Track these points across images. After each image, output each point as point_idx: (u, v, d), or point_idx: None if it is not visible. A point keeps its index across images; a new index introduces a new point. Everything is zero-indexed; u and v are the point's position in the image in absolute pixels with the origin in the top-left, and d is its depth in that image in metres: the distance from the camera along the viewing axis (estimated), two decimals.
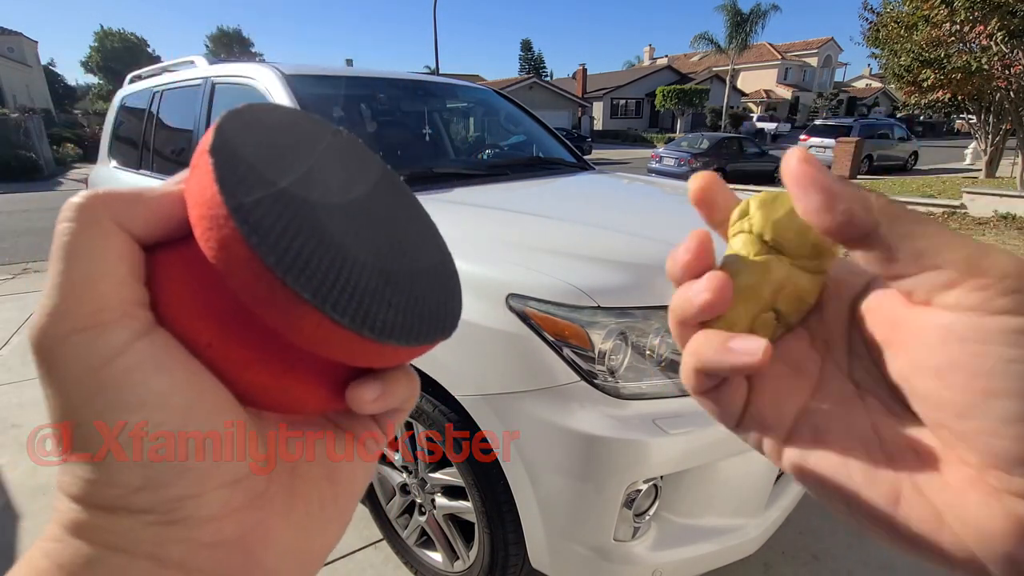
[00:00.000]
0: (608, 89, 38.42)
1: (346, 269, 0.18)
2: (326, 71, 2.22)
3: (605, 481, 1.03)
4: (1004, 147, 11.26)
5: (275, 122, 0.20)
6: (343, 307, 0.17)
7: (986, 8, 7.87)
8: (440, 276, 0.23)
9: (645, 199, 2.08)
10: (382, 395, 0.21)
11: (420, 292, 0.21)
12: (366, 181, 0.23)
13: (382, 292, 0.19)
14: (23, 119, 15.23)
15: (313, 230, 0.18)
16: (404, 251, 0.22)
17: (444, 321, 0.21)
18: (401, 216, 0.23)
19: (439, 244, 0.25)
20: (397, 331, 0.18)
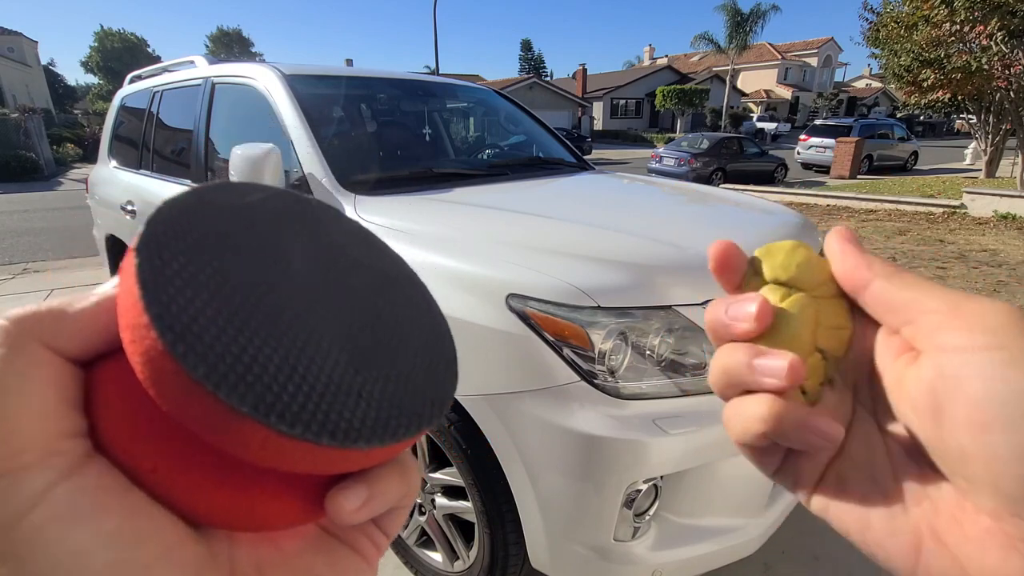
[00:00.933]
0: (608, 89, 38.42)
1: (301, 366, 0.15)
2: (326, 71, 2.21)
3: (605, 481, 1.03)
4: (1004, 147, 11.25)
5: (228, 203, 0.18)
6: (295, 415, 0.14)
7: (986, 8, 7.87)
8: (430, 345, 0.21)
9: (645, 199, 2.08)
10: (368, 501, 0.18)
11: (403, 369, 0.18)
12: (338, 254, 0.20)
13: (350, 384, 0.16)
14: (23, 119, 15.24)
15: (256, 328, 0.15)
16: (384, 325, 0.19)
17: (433, 403, 0.19)
18: (384, 284, 0.21)
19: (429, 308, 0.23)
20: (369, 430, 0.16)
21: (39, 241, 6.58)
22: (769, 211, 1.81)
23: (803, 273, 0.23)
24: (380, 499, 0.19)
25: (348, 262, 0.21)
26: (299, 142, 1.70)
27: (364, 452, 0.16)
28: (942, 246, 5.44)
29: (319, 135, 1.73)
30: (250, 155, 1.54)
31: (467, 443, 1.19)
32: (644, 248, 1.28)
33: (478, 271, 1.18)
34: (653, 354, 1.09)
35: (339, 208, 1.52)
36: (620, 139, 34.26)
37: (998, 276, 4.38)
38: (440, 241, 1.31)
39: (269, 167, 1.55)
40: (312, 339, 0.16)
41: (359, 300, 0.19)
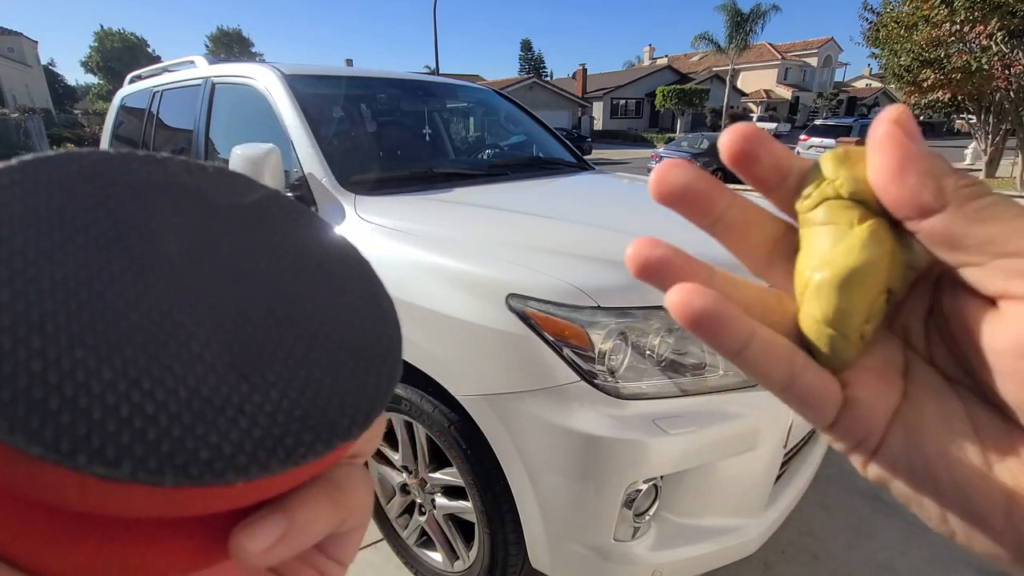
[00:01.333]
0: (608, 89, 38.43)
1: (145, 381, 0.12)
2: (326, 71, 2.21)
3: (605, 481, 1.03)
4: (1004, 147, 11.26)
5: (74, 173, 0.14)
6: (120, 450, 0.11)
7: (986, 8, 7.88)
8: (363, 336, 0.17)
9: (645, 199, 2.08)
10: (286, 536, 0.14)
11: (317, 368, 0.15)
12: (240, 233, 0.16)
13: (227, 396, 0.13)
14: (23, 119, 15.25)
15: (73, 337, 0.12)
16: (299, 315, 0.16)
17: (356, 409, 0.15)
18: (308, 267, 0.17)
19: (369, 291, 0.18)
20: (247, 456, 0.12)
21: None
22: (769, 210, 1.81)
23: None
24: (303, 532, 0.15)
25: (255, 242, 0.17)
26: (299, 142, 1.70)
27: (252, 484, 0.12)
28: None
29: (319, 135, 1.73)
30: (250, 155, 1.54)
31: (467, 443, 1.19)
32: None
33: (478, 271, 1.18)
34: (653, 354, 1.09)
35: (339, 209, 1.51)
36: (620, 139, 34.27)
37: None
38: (440, 241, 1.31)
39: (269, 167, 1.55)
40: (174, 342, 0.13)
41: (263, 287, 0.16)
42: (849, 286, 0.17)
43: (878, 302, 0.18)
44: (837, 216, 0.18)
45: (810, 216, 0.19)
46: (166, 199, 0.16)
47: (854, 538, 1.71)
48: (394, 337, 0.18)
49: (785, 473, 1.33)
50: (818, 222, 0.18)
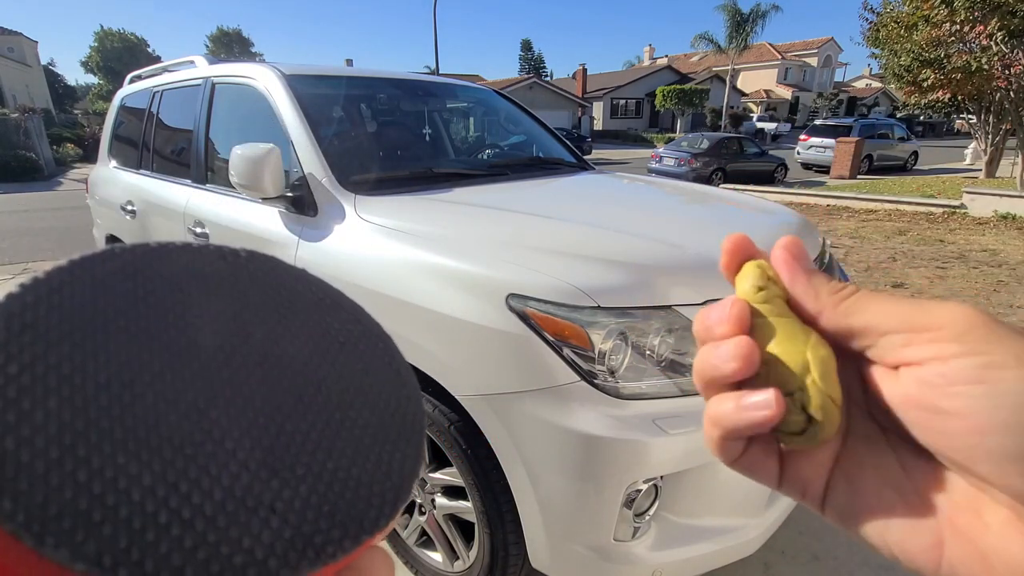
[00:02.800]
0: (608, 89, 38.41)
1: (183, 484, 0.12)
2: (326, 71, 2.21)
3: (605, 481, 1.03)
4: (1004, 147, 11.25)
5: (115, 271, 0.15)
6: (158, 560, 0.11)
7: (986, 8, 7.87)
8: (388, 418, 0.17)
9: (645, 199, 2.08)
10: None
11: (344, 458, 0.15)
12: (270, 318, 0.17)
13: (259, 495, 0.13)
14: (23, 119, 15.23)
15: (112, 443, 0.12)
16: (324, 401, 0.16)
17: (384, 500, 0.15)
18: (332, 347, 0.17)
19: (392, 368, 0.18)
20: (279, 559, 0.12)
21: (39, 241, 6.57)
22: (769, 211, 1.81)
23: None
24: None
25: (283, 327, 0.17)
26: (299, 142, 1.70)
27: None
28: (942, 246, 5.44)
29: (319, 135, 1.73)
30: (250, 155, 1.54)
31: (467, 443, 1.19)
32: (644, 248, 1.28)
33: (478, 271, 1.17)
34: (653, 354, 1.09)
35: (339, 209, 1.51)
36: (620, 139, 34.26)
37: (998, 276, 4.38)
38: (440, 241, 1.31)
39: (269, 167, 1.55)
40: (208, 441, 0.13)
41: (291, 374, 0.16)
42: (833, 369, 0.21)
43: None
44: (785, 310, 0.23)
45: (764, 308, 0.23)
46: (202, 289, 0.16)
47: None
48: (418, 415, 0.18)
49: None
50: (775, 313, 0.23)
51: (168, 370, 0.14)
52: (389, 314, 1.27)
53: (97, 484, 0.11)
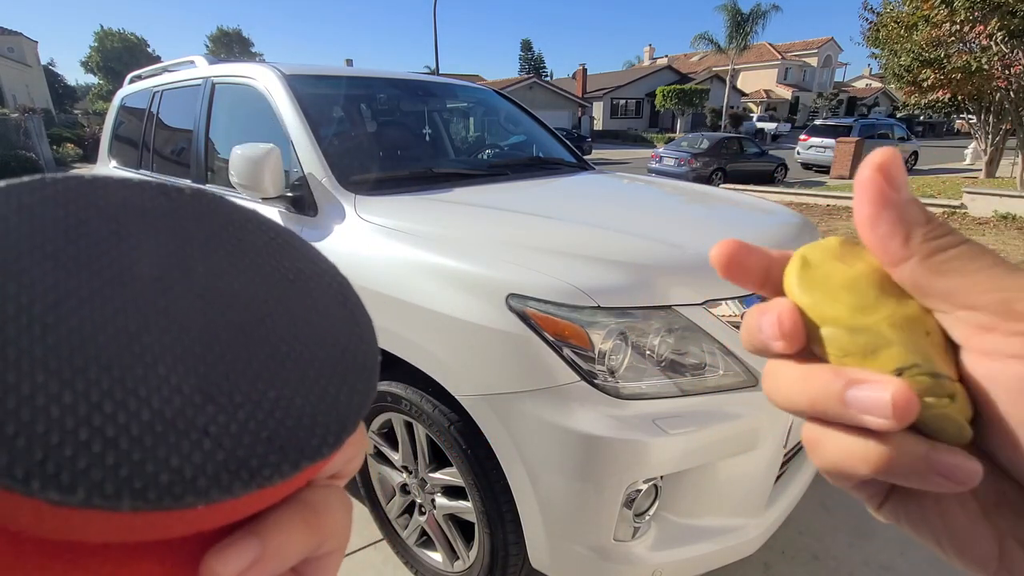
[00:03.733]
0: (608, 89, 38.41)
1: (106, 405, 0.12)
2: (326, 71, 2.21)
3: (605, 481, 1.03)
4: (1004, 147, 11.25)
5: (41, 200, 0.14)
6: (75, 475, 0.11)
7: (986, 8, 7.87)
8: (338, 352, 0.17)
9: (645, 199, 2.08)
10: (259, 561, 0.14)
11: (289, 387, 0.15)
12: (215, 253, 0.16)
13: (191, 418, 0.13)
14: (23, 119, 15.23)
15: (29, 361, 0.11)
16: (270, 334, 0.15)
17: (327, 428, 0.15)
18: (282, 284, 0.17)
19: (346, 307, 0.18)
20: (210, 479, 0.12)
21: None
22: (769, 211, 1.81)
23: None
24: (277, 556, 0.14)
25: (229, 263, 0.16)
26: (299, 142, 1.70)
27: (215, 507, 0.12)
28: None
29: (319, 135, 1.73)
30: (250, 155, 1.54)
31: (467, 443, 1.19)
32: (644, 248, 1.28)
33: (478, 271, 1.18)
34: (653, 354, 1.09)
35: (339, 209, 1.51)
36: (620, 139, 34.26)
37: None
38: (440, 241, 1.31)
39: (269, 167, 1.55)
40: (140, 365, 0.13)
41: (235, 307, 0.15)
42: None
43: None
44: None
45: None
46: (140, 223, 0.15)
47: (854, 538, 1.71)
48: (369, 353, 0.17)
49: (785, 473, 1.33)
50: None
51: (98, 295, 0.13)
52: (389, 314, 1.27)
53: (11, 400, 0.11)
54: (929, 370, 0.17)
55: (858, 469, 0.17)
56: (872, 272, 0.18)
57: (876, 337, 0.17)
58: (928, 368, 0.17)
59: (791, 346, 0.18)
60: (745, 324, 0.20)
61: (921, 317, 0.17)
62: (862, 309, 0.17)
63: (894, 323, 0.17)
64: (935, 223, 0.18)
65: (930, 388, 0.16)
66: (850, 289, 0.18)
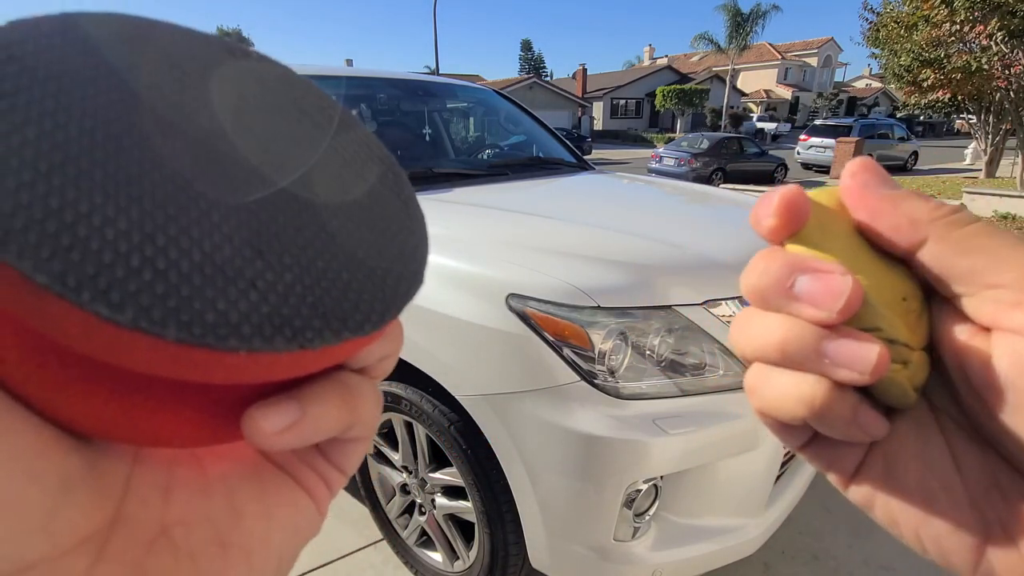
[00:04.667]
0: (608, 89, 38.43)
1: (159, 236, 0.12)
2: (326, 71, 2.22)
3: (605, 481, 1.03)
4: (1004, 147, 11.26)
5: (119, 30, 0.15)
6: (125, 295, 0.11)
7: (986, 8, 7.88)
8: (389, 242, 0.17)
9: (645, 199, 2.08)
10: (297, 424, 0.15)
11: (337, 263, 0.15)
12: (284, 111, 0.17)
13: (240, 268, 0.13)
14: None
15: (93, 177, 0.12)
16: (327, 208, 0.16)
17: (372, 309, 0.15)
18: (345, 163, 0.17)
19: (403, 202, 0.18)
20: (252, 328, 0.12)
21: None
22: None
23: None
24: (314, 424, 0.15)
25: (287, 132, 0.17)
26: None
27: (255, 357, 0.12)
28: None
29: None
30: None
31: (467, 443, 1.19)
32: (644, 248, 1.28)
33: (478, 271, 1.18)
34: (653, 354, 1.09)
35: None
36: (620, 139, 34.29)
37: None
38: (440, 241, 1.31)
39: None
40: (193, 207, 0.13)
41: (288, 175, 0.15)
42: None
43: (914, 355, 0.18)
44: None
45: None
46: (205, 75, 0.16)
47: (854, 538, 1.71)
48: (419, 245, 0.18)
49: (785, 473, 1.33)
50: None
51: (158, 135, 0.13)
52: None
53: (69, 214, 0.11)
54: (888, 336, 0.17)
55: (796, 411, 0.18)
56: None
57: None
58: (888, 334, 0.17)
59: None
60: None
61: (898, 282, 0.18)
62: (852, 269, 0.18)
63: (871, 284, 0.17)
64: (934, 201, 0.18)
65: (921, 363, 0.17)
66: (845, 246, 0.18)
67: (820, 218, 0.18)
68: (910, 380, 0.17)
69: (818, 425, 0.18)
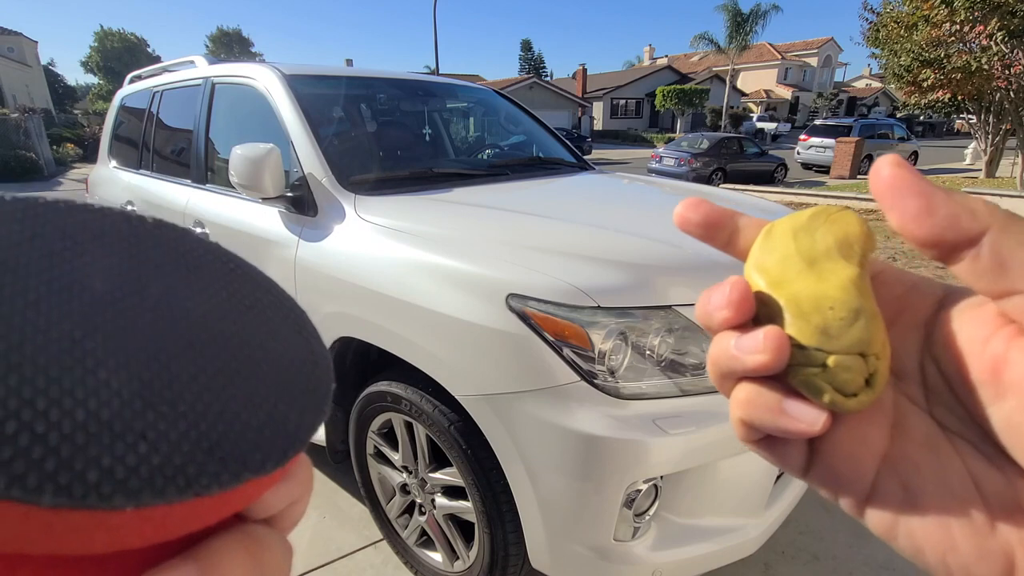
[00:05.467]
0: (608, 89, 38.41)
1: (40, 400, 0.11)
2: (326, 71, 2.21)
3: (605, 481, 1.03)
4: (1004, 147, 11.26)
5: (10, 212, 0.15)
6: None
7: (986, 8, 7.88)
8: (290, 373, 0.17)
9: (645, 199, 2.08)
10: None
11: (236, 403, 0.14)
12: (171, 279, 0.16)
13: (128, 422, 0.12)
14: (23, 119, 15.23)
15: None
16: (223, 352, 0.15)
17: (272, 444, 0.14)
18: (239, 309, 0.17)
19: (302, 333, 0.18)
20: (141, 481, 0.12)
21: None
22: (769, 211, 1.81)
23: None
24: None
25: (186, 285, 0.16)
26: (299, 142, 1.70)
27: (145, 513, 0.12)
28: None
29: (319, 135, 1.73)
30: (250, 155, 1.54)
31: (467, 443, 1.19)
32: (644, 248, 1.28)
33: (478, 271, 1.18)
34: (653, 354, 1.09)
35: (339, 209, 1.51)
36: (620, 139, 34.27)
37: None
38: (440, 241, 1.31)
39: (269, 167, 1.55)
40: (80, 368, 0.12)
41: (186, 324, 0.15)
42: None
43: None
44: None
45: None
46: (98, 243, 0.15)
47: (854, 538, 1.71)
48: (323, 379, 0.17)
49: (785, 473, 1.33)
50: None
51: (45, 301, 0.13)
52: (389, 314, 1.27)
53: None
54: (801, 342, 0.19)
55: (735, 412, 0.19)
56: (813, 244, 0.20)
57: (771, 309, 0.20)
58: (801, 340, 0.19)
59: (733, 317, 0.19)
60: (699, 301, 0.21)
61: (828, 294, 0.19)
62: (778, 284, 0.20)
63: (790, 298, 0.19)
64: (985, 200, 0.17)
65: (798, 358, 0.18)
66: (780, 262, 0.20)
67: (768, 246, 0.21)
68: (829, 382, 0.18)
69: (758, 423, 0.19)
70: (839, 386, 0.18)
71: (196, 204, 2.12)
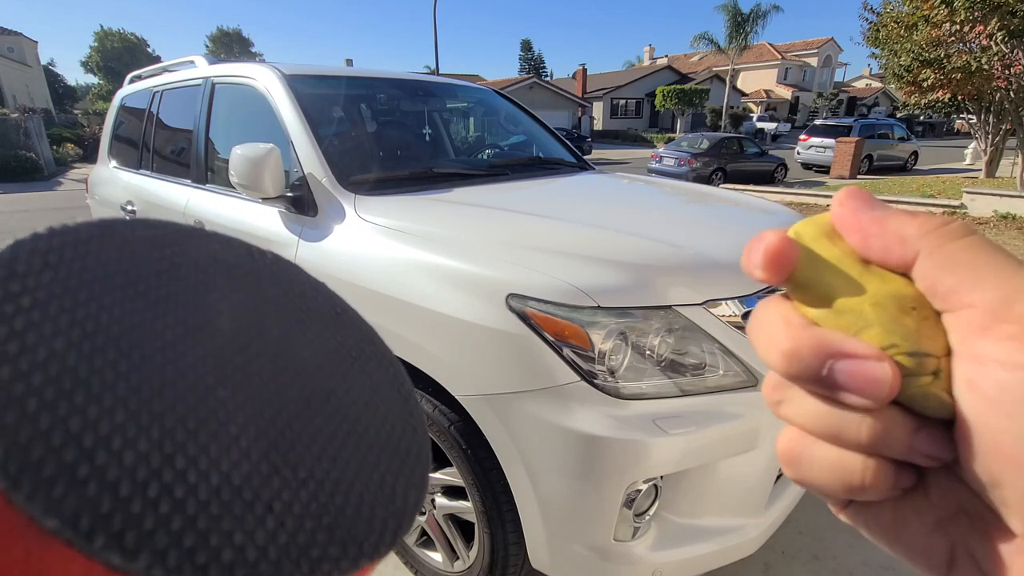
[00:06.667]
0: (608, 89, 38.41)
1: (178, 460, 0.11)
2: (326, 71, 2.22)
3: (605, 481, 1.03)
4: (1004, 147, 11.26)
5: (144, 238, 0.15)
6: (141, 538, 0.09)
7: (986, 8, 7.88)
8: (395, 442, 0.16)
9: (645, 199, 2.08)
10: None
11: (350, 471, 0.14)
12: (289, 318, 0.16)
13: (258, 490, 0.11)
14: (23, 119, 15.23)
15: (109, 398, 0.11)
16: (334, 410, 0.15)
17: (385, 526, 0.14)
18: (345, 360, 0.17)
19: (401, 393, 0.18)
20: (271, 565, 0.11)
21: None
22: (769, 211, 1.81)
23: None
24: None
25: (299, 330, 0.16)
26: (299, 142, 1.70)
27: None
28: None
29: (319, 135, 1.73)
30: (250, 155, 1.54)
31: (467, 443, 1.19)
32: (644, 248, 1.28)
33: (478, 271, 1.18)
34: (653, 354, 1.09)
35: (339, 209, 1.51)
36: (620, 139, 34.26)
37: None
38: (440, 241, 1.31)
39: (269, 167, 1.55)
40: (214, 420, 0.12)
41: (303, 376, 0.15)
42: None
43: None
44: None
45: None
46: (226, 277, 0.16)
47: (854, 538, 1.71)
48: (423, 445, 0.17)
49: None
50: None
51: (182, 342, 0.13)
52: (389, 314, 1.27)
53: (89, 437, 0.10)
54: (909, 349, 0.16)
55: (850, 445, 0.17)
56: (846, 247, 0.18)
57: (858, 318, 0.17)
58: (908, 347, 0.16)
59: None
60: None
61: (905, 293, 0.17)
62: (848, 291, 0.18)
63: (876, 302, 0.17)
64: (923, 215, 0.17)
65: (910, 367, 0.16)
66: (838, 273, 0.18)
67: (808, 254, 0.18)
68: (945, 389, 0.16)
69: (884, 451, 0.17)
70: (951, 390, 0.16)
71: (196, 204, 2.12)
